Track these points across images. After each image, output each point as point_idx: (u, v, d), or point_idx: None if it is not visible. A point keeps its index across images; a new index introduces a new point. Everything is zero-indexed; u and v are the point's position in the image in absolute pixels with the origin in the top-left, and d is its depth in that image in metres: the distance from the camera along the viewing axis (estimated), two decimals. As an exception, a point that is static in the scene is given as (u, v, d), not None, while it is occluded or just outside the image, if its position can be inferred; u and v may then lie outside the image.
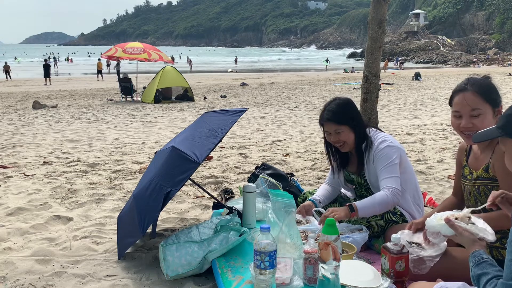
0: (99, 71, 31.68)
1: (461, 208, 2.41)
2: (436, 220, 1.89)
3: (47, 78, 27.57)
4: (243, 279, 2.22)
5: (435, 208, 2.69)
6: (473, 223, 1.82)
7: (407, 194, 2.74)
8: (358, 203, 2.58)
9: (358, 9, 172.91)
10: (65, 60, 69.72)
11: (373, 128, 2.85)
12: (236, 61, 64.98)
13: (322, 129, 2.85)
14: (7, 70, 31.57)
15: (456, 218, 1.84)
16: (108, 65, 45.83)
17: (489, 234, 1.77)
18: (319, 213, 2.77)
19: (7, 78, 30.98)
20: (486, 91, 2.08)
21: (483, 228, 1.77)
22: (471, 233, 1.74)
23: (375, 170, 2.71)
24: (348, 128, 2.74)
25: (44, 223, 3.52)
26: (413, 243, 2.19)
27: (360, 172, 2.86)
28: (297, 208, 2.66)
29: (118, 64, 27.82)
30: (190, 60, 55.49)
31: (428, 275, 2.08)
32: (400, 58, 53.83)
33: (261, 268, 1.97)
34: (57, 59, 56.90)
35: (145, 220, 2.54)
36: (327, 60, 50.52)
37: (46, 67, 27.89)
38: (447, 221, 1.79)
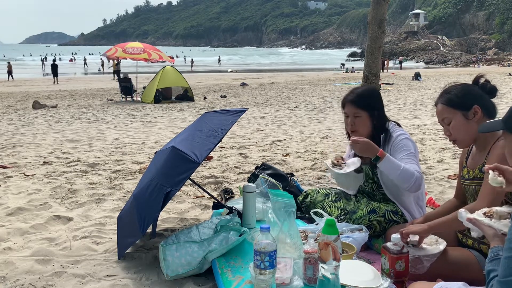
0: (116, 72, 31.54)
1: None
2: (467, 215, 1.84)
3: (56, 78, 28.65)
4: (243, 279, 2.22)
5: (436, 209, 2.69)
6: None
7: (410, 194, 2.74)
8: (387, 156, 2.51)
9: (358, 9, 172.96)
10: (72, 60, 70.49)
11: (392, 122, 2.84)
12: (219, 60, 65.54)
13: (343, 111, 2.84)
14: (10, 70, 31.82)
15: (491, 215, 1.77)
16: (102, 65, 45.90)
17: None
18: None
19: (8, 78, 31.20)
20: (451, 100, 2.20)
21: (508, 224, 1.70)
22: (494, 229, 1.67)
23: None
24: (367, 115, 2.73)
25: (44, 223, 3.52)
26: (410, 243, 2.19)
27: (372, 164, 2.84)
28: (296, 207, 2.66)
29: (118, 64, 27.86)
30: (191, 60, 56.54)
31: (428, 275, 2.08)
32: (399, 58, 53.74)
33: (261, 268, 1.97)
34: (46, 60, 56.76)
35: (145, 220, 2.54)
36: (342, 65, 50.15)
37: (54, 67, 28.70)
38: (469, 220, 1.76)
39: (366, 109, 2.73)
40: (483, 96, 2.19)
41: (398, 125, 2.85)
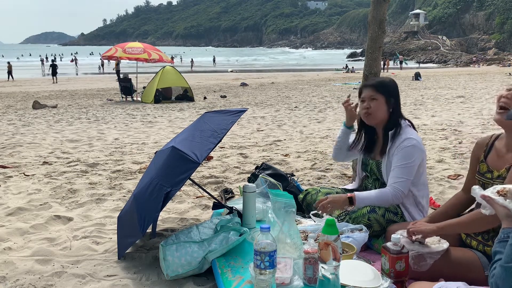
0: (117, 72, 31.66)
1: (469, 204, 2.38)
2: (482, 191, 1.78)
3: (54, 77, 29.08)
4: (243, 279, 2.22)
5: (441, 206, 2.68)
6: None
7: (412, 196, 2.75)
8: (358, 194, 2.69)
9: (358, 9, 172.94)
10: (73, 60, 70.57)
11: (407, 121, 2.84)
12: (214, 60, 65.84)
13: (359, 99, 2.87)
14: (10, 70, 31.94)
15: (505, 193, 1.70)
16: (102, 65, 45.80)
17: None
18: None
19: (8, 78, 31.30)
20: None
21: None
22: (508, 209, 1.60)
23: (391, 163, 2.72)
24: (384, 99, 2.75)
25: (44, 223, 3.52)
26: (416, 240, 2.18)
27: (379, 159, 2.85)
28: (296, 207, 2.66)
29: (118, 64, 27.88)
30: (191, 60, 57.10)
31: (429, 275, 2.08)
32: (400, 57, 53.54)
33: (261, 268, 1.97)
34: (47, 60, 56.86)
35: (145, 220, 2.54)
36: (346, 66, 50.19)
37: (53, 67, 29.29)
38: (483, 197, 1.72)
39: (383, 94, 2.76)
40: None
41: (413, 126, 2.84)
